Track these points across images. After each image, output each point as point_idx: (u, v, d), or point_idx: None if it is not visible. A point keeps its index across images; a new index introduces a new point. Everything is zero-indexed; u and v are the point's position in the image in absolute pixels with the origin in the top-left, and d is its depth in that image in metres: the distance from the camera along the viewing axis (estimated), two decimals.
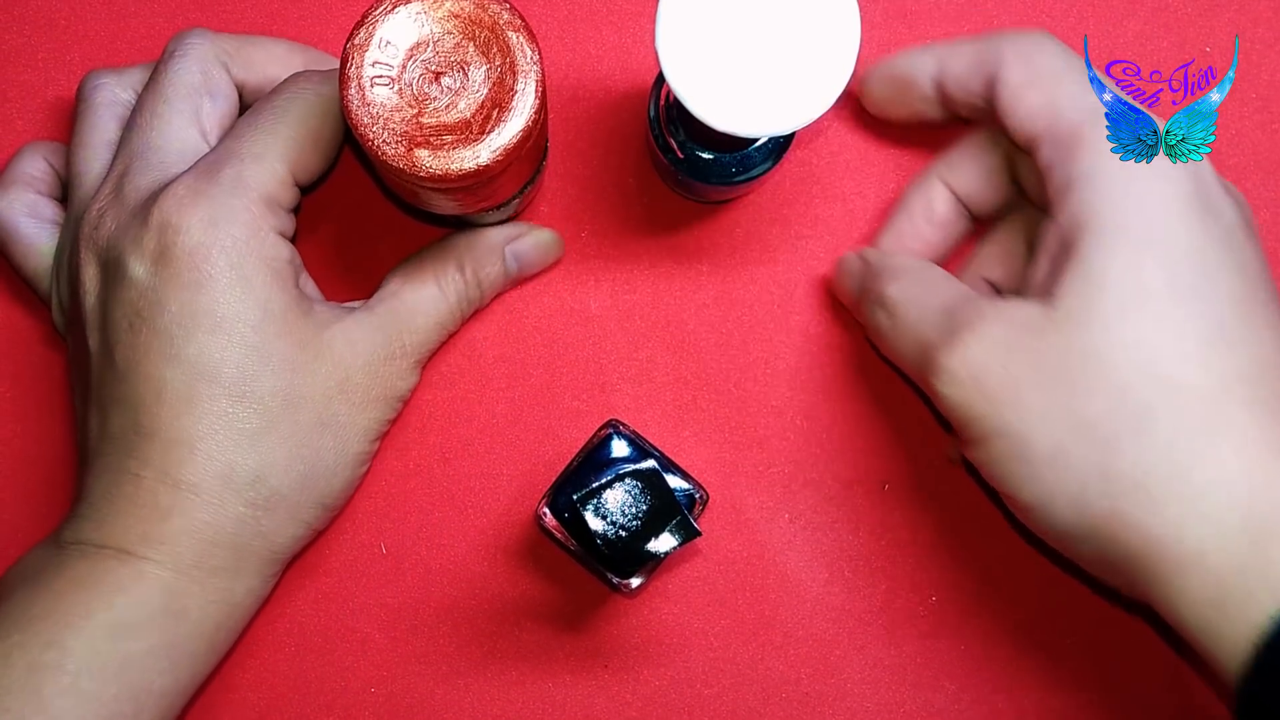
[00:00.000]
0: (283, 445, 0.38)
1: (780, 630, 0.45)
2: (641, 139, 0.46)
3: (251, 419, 0.38)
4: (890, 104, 0.45)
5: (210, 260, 0.37)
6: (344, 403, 0.40)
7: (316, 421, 0.39)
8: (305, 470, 0.39)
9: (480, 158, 0.36)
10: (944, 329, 0.39)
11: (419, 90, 0.36)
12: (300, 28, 0.46)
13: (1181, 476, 0.35)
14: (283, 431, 0.38)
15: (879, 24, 0.46)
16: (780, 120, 0.36)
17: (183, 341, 0.37)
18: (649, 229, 0.46)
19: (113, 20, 0.46)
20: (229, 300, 0.37)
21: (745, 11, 0.35)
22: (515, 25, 0.36)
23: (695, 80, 0.35)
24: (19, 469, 0.45)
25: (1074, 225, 0.38)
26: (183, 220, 0.37)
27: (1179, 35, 0.47)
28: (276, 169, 0.39)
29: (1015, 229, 0.43)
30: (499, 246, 0.44)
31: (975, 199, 0.44)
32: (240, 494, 0.38)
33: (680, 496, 0.40)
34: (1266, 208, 0.46)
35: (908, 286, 0.41)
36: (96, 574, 0.37)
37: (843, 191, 0.46)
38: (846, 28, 0.35)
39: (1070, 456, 0.36)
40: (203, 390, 0.37)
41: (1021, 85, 0.40)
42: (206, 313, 0.37)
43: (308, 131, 0.39)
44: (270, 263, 0.38)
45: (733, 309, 0.46)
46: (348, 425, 0.40)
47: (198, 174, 0.38)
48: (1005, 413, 0.37)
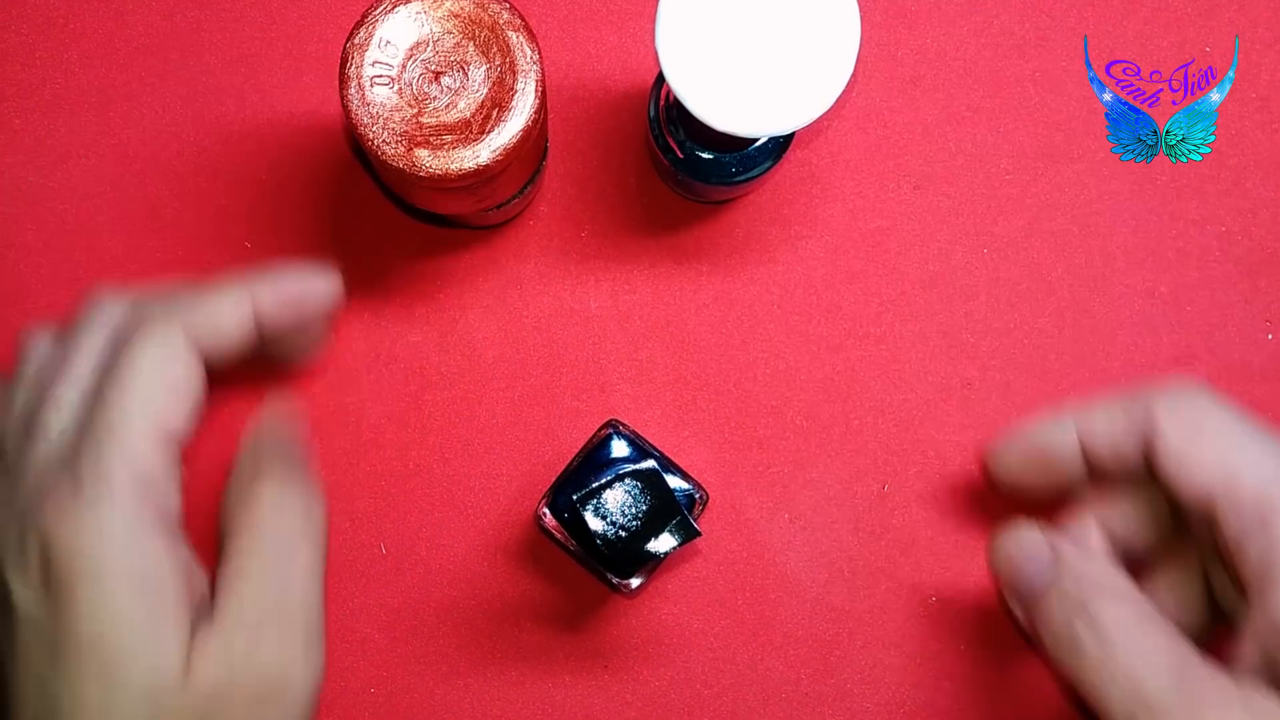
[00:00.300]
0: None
1: (780, 630, 0.45)
2: (641, 139, 0.46)
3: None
4: (1028, 477, 0.42)
5: (99, 583, 0.33)
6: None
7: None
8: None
9: (480, 157, 0.35)
10: (1177, 696, 0.34)
11: (419, 90, 0.36)
12: (300, 27, 0.46)
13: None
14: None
15: (879, 23, 0.46)
16: (780, 120, 0.35)
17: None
18: (649, 229, 0.46)
19: (110, 18, 0.46)
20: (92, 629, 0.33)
21: (745, 11, 0.35)
22: (515, 25, 0.36)
23: (695, 80, 0.35)
24: None
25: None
26: (55, 539, 0.33)
27: (1179, 35, 0.46)
28: (135, 437, 0.34)
29: (1188, 564, 0.40)
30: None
31: (1131, 542, 0.41)
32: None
33: (680, 496, 0.40)
34: (1266, 208, 0.46)
35: (1129, 618, 0.36)
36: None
37: (843, 192, 0.46)
38: (847, 27, 0.35)
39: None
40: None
41: (1185, 444, 0.37)
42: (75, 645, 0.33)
43: (151, 382, 0.35)
44: (150, 571, 0.34)
45: (733, 309, 0.46)
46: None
47: (60, 470, 0.34)
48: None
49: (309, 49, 0.46)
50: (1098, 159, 0.46)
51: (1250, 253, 0.46)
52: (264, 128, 0.45)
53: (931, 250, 0.46)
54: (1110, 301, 0.46)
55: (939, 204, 0.46)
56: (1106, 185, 0.46)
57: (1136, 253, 0.46)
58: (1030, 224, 0.46)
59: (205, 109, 0.46)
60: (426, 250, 0.46)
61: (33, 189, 0.45)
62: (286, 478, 0.38)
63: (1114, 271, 0.46)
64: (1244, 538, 0.36)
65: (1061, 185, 0.46)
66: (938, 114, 0.46)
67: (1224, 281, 0.46)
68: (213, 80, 0.46)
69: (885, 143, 0.46)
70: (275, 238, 0.45)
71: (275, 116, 0.45)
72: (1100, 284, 0.46)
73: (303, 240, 0.45)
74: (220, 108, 0.46)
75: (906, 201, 0.46)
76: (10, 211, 0.45)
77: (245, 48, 0.46)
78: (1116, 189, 0.46)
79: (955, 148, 0.46)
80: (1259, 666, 0.35)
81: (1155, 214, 0.46)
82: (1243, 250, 0.46)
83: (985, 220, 0.46)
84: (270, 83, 0.46)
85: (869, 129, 0.46)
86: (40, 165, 0.45)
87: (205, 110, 0.46)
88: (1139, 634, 0.36)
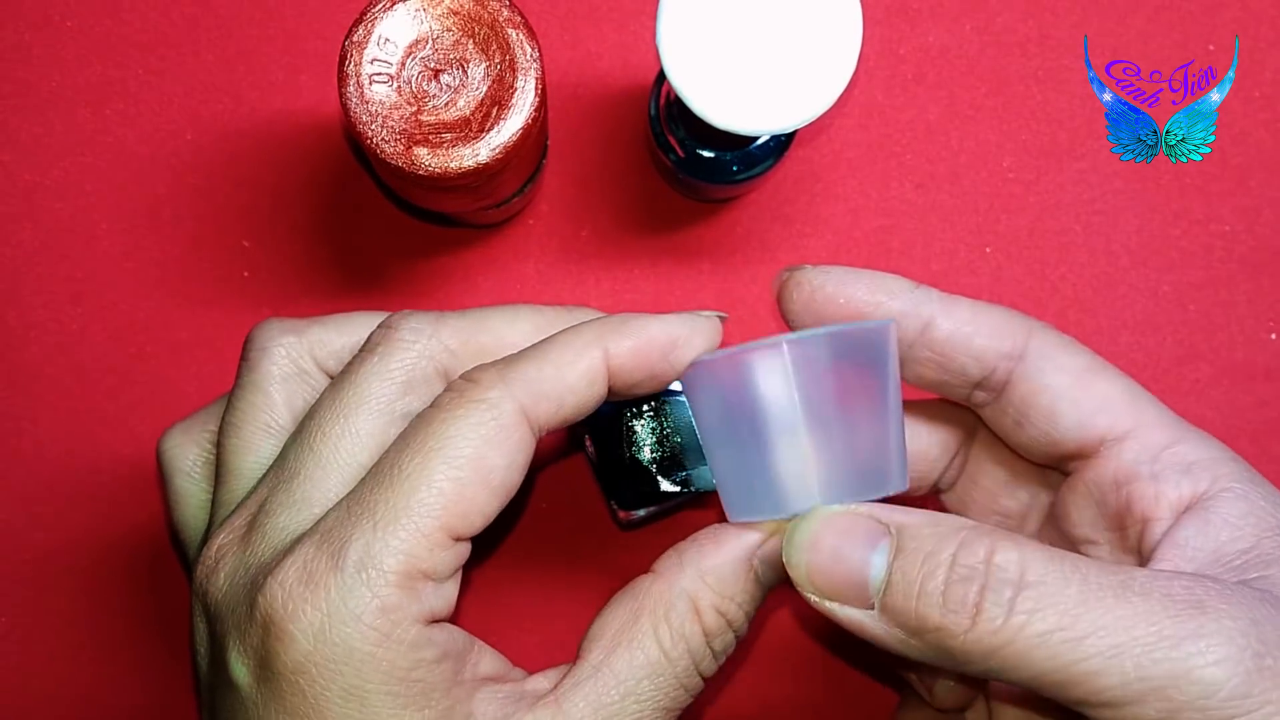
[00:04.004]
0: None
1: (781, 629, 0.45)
2: (642, 138, 0.46)
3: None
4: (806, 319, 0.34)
5: (318, 682, 0.29)
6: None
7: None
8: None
9: (479, 156, 0.35)
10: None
11: (418, 88, 0.35)
12: (299, 25, 0.46)
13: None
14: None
15: (881, 21, 0.46)
16: (782, 118, 0.35)
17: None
18: (649, 228, 0.46)
19: (108, 16, 0.46)
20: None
21: (747, 8, 0.35)
22: (515, 22, 0.36)
23: (697, 77, 0.35)
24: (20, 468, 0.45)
25: None
26: (288, 622, 0.29)
27: (1179, 35, 0.46)
28: (424, 531, 0.29)
29: None
30: (742, 560, 0.32)
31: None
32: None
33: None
34: (1267, 208, 0.46)
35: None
36: None
37: (844, 190, 0.46)
38: (849, 25, 0.35)
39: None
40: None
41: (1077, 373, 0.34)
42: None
43: (473, 466, 0.29)
44: (405, 679, 0.29)
45: (733, 309, 0.45)
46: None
47: (318, 544, 0.29)
48: None
49: (307, 47, 0.45)
50: (1100, 158, 0.46)
51: (1253, 252, 0.46)
52: (262, 126, 0.45)
53: (933, 249, 0.46)
54: (1113, 301, 0.46)
55: (941, 203, 0.46)
56: (1109, 184, 0.46)
57: (1139, 252, 0.46)
58: (1032, 223, 0.46)
59: (203, 107, 0.45)
60: (426, 250, 0.45)
61: (30, 187, 0.45)
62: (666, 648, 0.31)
63: (1116, 271, 0.46)
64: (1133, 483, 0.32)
65: (1064, 184, 0.46)
66: (940, 113, 0.46)
67: (1226, 281, 0.46)
68: (211, 78, 0.45)
69: (887, 141, 0.46)
70: (273, 236, 0.45)
71: (274, 114, 0.45)
72: (1103, 283, 0.46)
73: (301, 239, 0.45)
74: (218, 106, 0.45)
75: (908, 200, 0.46)
76: (8, 210, 0.45)
77: (243, 45, 0.45)
78: (1119, 188, 0.46)
79: (957, 146, 0.46)
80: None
81: (1158, 213, 0.46)
82: (1245, 249, 0.46)
83: (987, 219, 0.46)
84: (269, 81, 0.45)
85: (871, 127, 0.46)
86: (38, 163, 0.45)
87: (203, 108, 0.45)
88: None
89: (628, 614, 0.31)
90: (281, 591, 0.29)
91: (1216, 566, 0.30)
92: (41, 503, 0.44)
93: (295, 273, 0.45)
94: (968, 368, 0.34)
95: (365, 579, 0.29)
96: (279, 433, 0.34)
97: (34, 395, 0.45)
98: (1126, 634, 0.27)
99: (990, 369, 0.33)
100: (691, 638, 0.31)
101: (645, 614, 0.31)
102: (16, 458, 0.45)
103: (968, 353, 0.33)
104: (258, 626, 0.29)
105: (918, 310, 0.33)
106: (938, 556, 0.28)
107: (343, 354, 0.35)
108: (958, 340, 0.33)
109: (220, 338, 0.45)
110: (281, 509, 0.31)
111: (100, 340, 0.45)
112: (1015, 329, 0.34)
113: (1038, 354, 0.33)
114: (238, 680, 0.30)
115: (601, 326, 0.32)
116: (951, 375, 0.34)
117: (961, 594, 0.28)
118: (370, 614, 0.29)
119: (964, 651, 0.28)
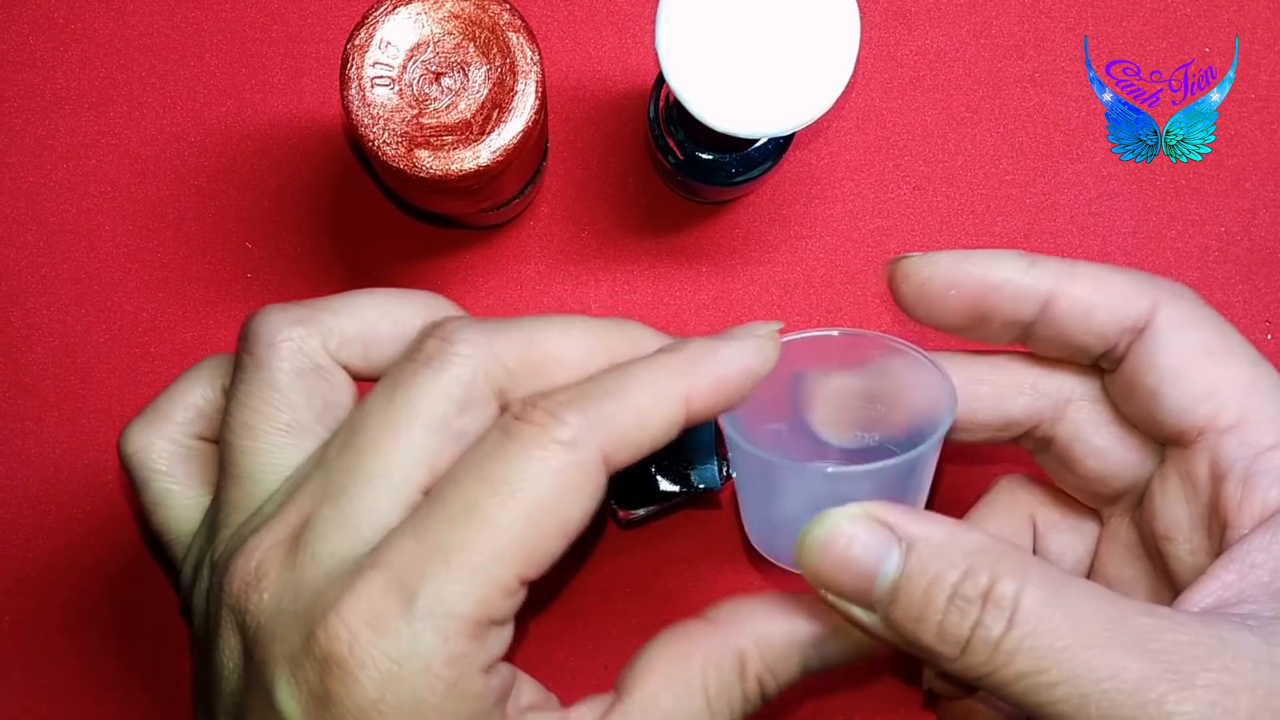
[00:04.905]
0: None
1: None
2: (641, 139, 0.46)
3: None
4: (949, 315, 0.34)
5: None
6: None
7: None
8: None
9: (480, 158, 0.36)
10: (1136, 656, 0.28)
11: (419, 91, 0.36)
12: (301, 28, 0.46)
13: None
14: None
15: (879, 24, 0.46)
16: (780, 120, 0.36)
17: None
18: (649, 229, 0.46)
19: (111, 19, 0.46)
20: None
21: (745, 12, 0.35)
22: (515, 26, 0.36)
23: (695, 80, 0.35)
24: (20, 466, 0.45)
25: None
26: (354, 666, 0.27)
27: (1179, 35, 0.47)
28: (499, 578, 0.28)
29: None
30: (797, 644, 0.32)
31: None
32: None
33: (715, 466, 0.41)
34: (1266, 208, 0.46)
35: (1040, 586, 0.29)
36: None
37: (842, 192, 0.46)
38: (846, 27, 0.35)
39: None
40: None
41: (1194, 352, 0.32)
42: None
43: (552, 511, 0.28)
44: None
45: (733, 309, 0.46)
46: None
47: (386, 581, 0.28)
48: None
49: (309, 50, 0.46)
50: (1097, 159, 0.46)
51: (1250, 253, 0.46)
52: (265, 128, 0.45)
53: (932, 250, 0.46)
54: None
55: (939, 204, 0.46)
56: (1106, 185, 0.46)
57: (1136, 253, 0.46)
58: (1030, 224, 0.46)
59: (206, 110, 0.46)
60: (426, 250, 0.46)
61: (34, 189, 0.45)
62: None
63: None
64: (1249, 474, 0.31)
65: (1061, 185, 0.46)
66: (938, 114, 0.46)
67: (1223, 282, 0.46)
68: (213, 81, 0.46)
69: (885, 143, 0.46)
70: (276, 238, 0.45)
71: (276, 117, 0.45)
72: None
73: (303, 241, 0.45)
74: (221, 108, 0.46)
75: (906, 202, 0.46)
76: (12, 211, 0.45)
77: (246, 48, 0.46)
78: (1116, 189, 0.46)
79: (955, 148, 0.46)
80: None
81: (1155, 214, 0.46)
82: (1242, 250, 0.46)
83: (985, 221, 0.46)
84: (271, 83, 0.46)
85: (869, 129, 0.46)
86: (41, 165, 0.45)
87: (206, 111, 0.46)
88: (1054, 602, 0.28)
89: (678, 658, 0.31)
90: (345, 631, 0.27)
91: (1273, 588, 0.29)
92: (44, 504, 0.45)
93: (298, 274, 0.45)
94: (1090, 345, 0.33)
95: (436, 626, 0.27)
96: (301, 434, 0.31)
97: (37, 396, 0.45)
98: (1095, 686, 0.27)
99: (1111, 344, 0.33)
100: (733, 694, 0.31)
101: (697, 661, 0.31)
102: (19, 458, 0.45)
103: (1088, 331, 0.32)
104: (316, 662, 0.28)
105: (1035, 288, 0.32)
106: (941, 583, 0.28)
107: (356, 342, 0.32)
108: (1077, 317, 0.32)
109: (223, 339, 0.45)
110: (332, 529, 0.29)
111: (103, 341, 0.45)
112: (1141, 299, 0.32)
113: (1159, 329, 0.32)
114: (286, 713, 0.28)
115: (680, 366, 0.30)
116: (1073, 353, 0.33)
117: (955, 625, 0.28)
118: (439, 663, 0.27)
119: (954, 672, 0.29)
